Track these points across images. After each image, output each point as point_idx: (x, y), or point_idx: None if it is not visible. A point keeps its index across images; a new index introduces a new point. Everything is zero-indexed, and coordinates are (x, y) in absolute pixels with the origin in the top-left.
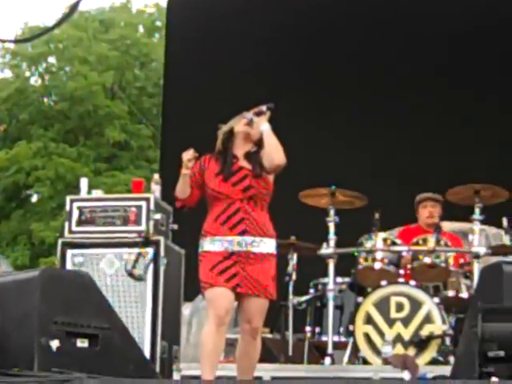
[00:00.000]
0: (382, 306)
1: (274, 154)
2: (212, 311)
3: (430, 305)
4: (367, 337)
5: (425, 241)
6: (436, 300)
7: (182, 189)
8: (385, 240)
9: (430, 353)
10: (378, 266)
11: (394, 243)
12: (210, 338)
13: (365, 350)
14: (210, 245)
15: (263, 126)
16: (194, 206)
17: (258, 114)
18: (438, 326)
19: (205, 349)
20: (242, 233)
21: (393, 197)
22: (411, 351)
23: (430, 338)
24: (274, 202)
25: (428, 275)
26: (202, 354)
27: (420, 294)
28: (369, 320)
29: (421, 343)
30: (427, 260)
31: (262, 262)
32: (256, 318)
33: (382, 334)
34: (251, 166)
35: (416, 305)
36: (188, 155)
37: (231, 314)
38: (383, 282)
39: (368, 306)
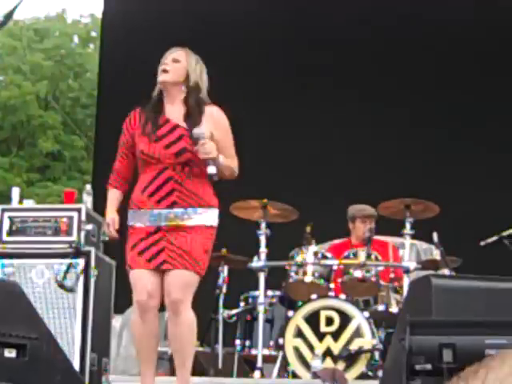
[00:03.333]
0: (312, 319)
1: (228, 177)
2: (134, 298)
3: (359, 319)
4: (297, 350)
5: (355, 255)
6: (366, 314)
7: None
8: (315, 254)
9: (360, 367)
10: (308, 279)
11: (324, 257)
12: (137, 329)
13: (294, 364)
14: (135, 219)
15: (211, 170)
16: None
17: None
18: (368, 341)
19: (135, 342)
20: (171, 205)
21: (324, 210)
22: (340, 365)
23: (360, 352)
24: None
25: (358, 289)
26: (135, 347)
27: (350, 308)
28: (299, 334)
29: (350, 357)
30: (357, 274)
31: (194, 234)
32: (174, 289)
33: (311, 347)
34: (187, 125)
35: (346, 319)
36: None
37: (157, 296)
38: (313, 296)
39: (298, 319)
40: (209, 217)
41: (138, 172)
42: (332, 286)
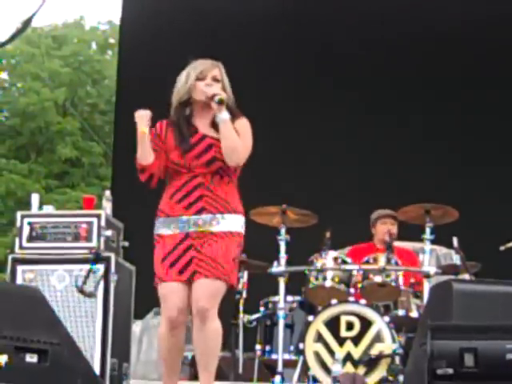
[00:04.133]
0: (332, 324)
1: (233, 151)
2: (163, 311)
3: (380, 324)
4: (317, 355)
5: (375, 259)
6: (386, 319)
7: (144, 153)
8: (335, 259)
9: (380, 372)
10: (328, 284)
11: (344, 262)
12: (163, 343)
13: (315, 369)
14: (164, 227)
15: (221, 116)
16: (163, 177)
17: (211, 99)
18: (388, 345)
19: (160, 355)
20: (200, 211)
21: (344, 215)
22: (361, 370)
23: (380, 357)
24: None
25: (378, 294)
26: (160, 359)
27: (370, 313)
28: (319, 338)
29: (370, 362)
30: (378, 279)
31: (222, 241)
32: (203, 297)
33: (332, 352)
34: (216, 136)
35: (366, 324)
36: (142, 113)
37: (187, 312)
38: (333, 301)
39: (318, 324)
40: (236, 223)
41: (166, 182)
42: (352, 290)
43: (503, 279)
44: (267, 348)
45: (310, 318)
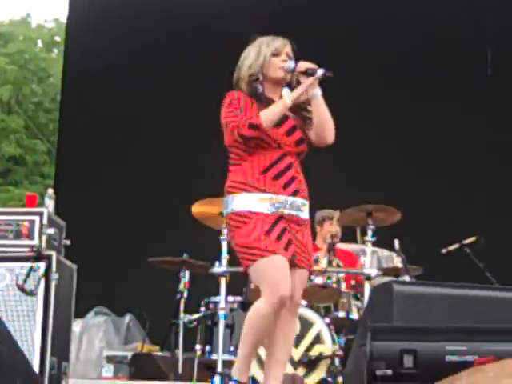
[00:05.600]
0: None
1: (327, 130)
2: (272, 287)
3: (320, 325)
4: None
5: (316, 261)
6: (327, 320)
7: (273, 120)
8: None
9: (319, 373)
10: None
11: None
12: (267, 321)
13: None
14: (259, 204)
15: (316, 92)
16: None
17: (308, 73)
18: (328, 347)
19: (257, 331)
20: (294, 193)
21: None
22: (300, 371)
23: (320, 358)
24: (168, 219)
25: (319, 296)
26: (250, 335)
27: (311, 315)
28: None
29: (310, 363)
30: (319, 280)
31: (307, 229)
32: (299, 291)
33: None
34: (298, 115)
35: (307, 325)
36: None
37: None
38: None
39: None
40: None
41: (241, 154)
42: None
43: (444, 282)
44: (207, 348)
45: None
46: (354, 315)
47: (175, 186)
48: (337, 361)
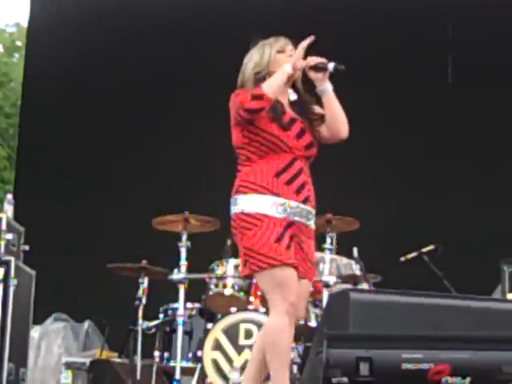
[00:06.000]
0: (231, 332)
1: (341, 124)
2: (283, 296)
3: None
4: (215, 363)
5: None
6: None
7: (277, 88)
8: (236, 266)
9: None
10: (228, 292)
11: None
12: (286, 334)
13: (212, 377)
14: (272, 207)
15: (326, 86)
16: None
17: (318, 68)
18: None
19: (280, 348)
20: (305, 201)
21: None
22: None
23: None
24: (127, 225)
25: None
26: (275, 354)
27: None
28: (217, 346)
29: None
30: None
31: (312, 239)
32: (302, 303)
33: (230, 360)
34: (306, 118)
35: None
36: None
37: None
38: (233, 309)
39: (217, 332)
40: None
41: (251, 156)
42: (252, 299)
43: (402, 290)
44: (165, 355)
45: (209, 325)
46: (313, 322)
47: (135, 193)
48: (295, 368)
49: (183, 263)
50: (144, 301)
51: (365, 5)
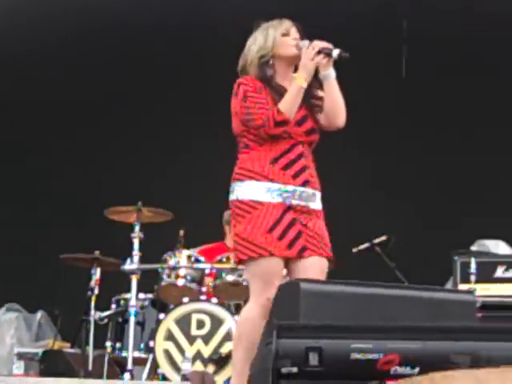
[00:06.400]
0: (183, 323)
1: (339, 113)
2: (263, 289)
3: (230, 323)
4: (167, 353)
5: (228, 259)
6: (237, 318)
7: (295, 106)
8: (189, 257)
9: (229, 371)
10: (180, 282)
11: (197, 260)
12: (256, 325)
13: (164, 367)
14: (265, 193)
15: (329, 72)
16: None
17: (325, 53)
18: None
19: (246, 337)
20: (305, 183)
21: (199, 214)
22: (210, 368)
23: (230, 355)
24: (79, 215)
25: (230, 293)
26: (239, 342)
27: (221, 312)
28: (169, 337)
29: (220, 361)
30: (230, 278)
31: (320, 219)
32: (320, 277)
33: (182, 350)
34: (307, 104)
35: (217, 322)
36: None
37: None
38: (185, 299)
39: (169, 322)
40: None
41: (249, 143)
42: (204, 289)
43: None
44: (117, 345)
45: (161, 315)
46: None
47: (88, 183)
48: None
49: (136, 254)
50: (96, 291)
51: None
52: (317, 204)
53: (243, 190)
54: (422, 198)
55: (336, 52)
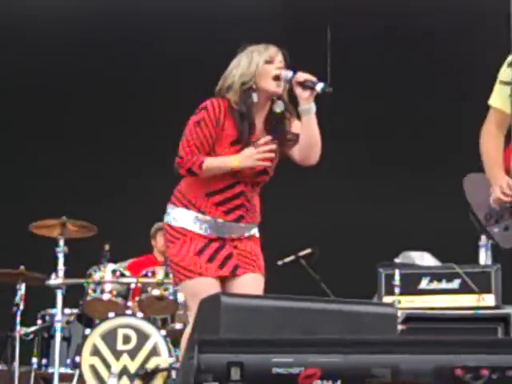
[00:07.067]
0: (109, 338)
1: (315, 150)
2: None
3: (156, 337)
4: (93, 369)
5: (153, 273)
6: (163, 333)
7: (212, 174)
8: (114, 271)
9: None
10: (106, 297)
11: (122, 275)
12: None
13: (91, 382)
14: (194, 224)
15: (310, 106)
16: None
17: (306, 86)
18: (165, 359)
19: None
20: (238, 219)
21: (125, 227)
22: None
23: (156, 371)
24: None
25: (156, 307)
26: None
27: (147, 327)
28: (95, 352)
29: (147, 376)
30: (155, 292)
31: (251, 240)
32: (257, 292)
33: (108, 366)
34: (277, 139)
35: (143, 337)
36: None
37: None
38: (111, 314)
39: (95, 337)
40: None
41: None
42: (130, 304)
43: (279, 293)
44: (44, 361)
45: (87, 331)
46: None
47: (12, 197)
48: (173, 373)
49: (61, 268)
50: (22, 307)
51: None
52: (251, 233)
53: (174, 216)
54: (349, 210)
55: (320, 86)
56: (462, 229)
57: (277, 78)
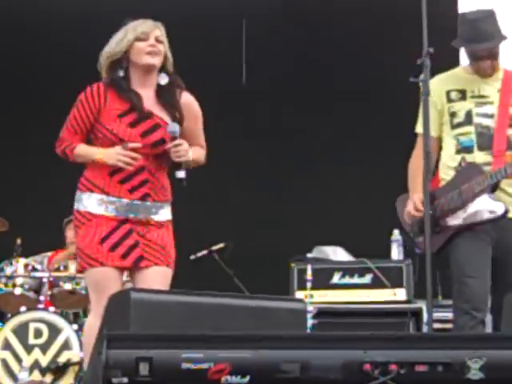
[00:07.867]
0: (21, 332)
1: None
2: (98, 299)
3: (68, 331)
4: (4, 363)
5: (66, 267)
6: (75, 327)
7: (79, 160)
8: (26, 266)
9: (68, 379)
10: (17, 291)
11: (34, 269)
12: (93, 333)
13: (1, 376)
14: (97, 206)
15: (181, 173)
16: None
17: (174, 163)
18: (76, 353)
19: (85, 346)
20: (144, 197)
21: (37, 221)
22: (48, 378)
23: (68, 364)
24: None
25: (68, 302)
26: (87, 353)
27: (59, 321)
28: (6, 346)
29: (58, 370)
30: (67, 286)
31: (165, 229)
32: (160, 286)
33: (19, 360)
34: (166, 112)
35: (54, 331)
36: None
37: None
38: (22, 308)
39: (6, 331)
40: (169, 211)
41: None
42: (42, 298)
43: (194, 288)
44: None
45: None
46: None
47: None
48: (85, 367)
49: None
50: None
51: None
52: (161, 216)
53: (81, 202)
54: (264, 205)
55: (180, 174)
56: (375, 224)
57: (150, 53)
